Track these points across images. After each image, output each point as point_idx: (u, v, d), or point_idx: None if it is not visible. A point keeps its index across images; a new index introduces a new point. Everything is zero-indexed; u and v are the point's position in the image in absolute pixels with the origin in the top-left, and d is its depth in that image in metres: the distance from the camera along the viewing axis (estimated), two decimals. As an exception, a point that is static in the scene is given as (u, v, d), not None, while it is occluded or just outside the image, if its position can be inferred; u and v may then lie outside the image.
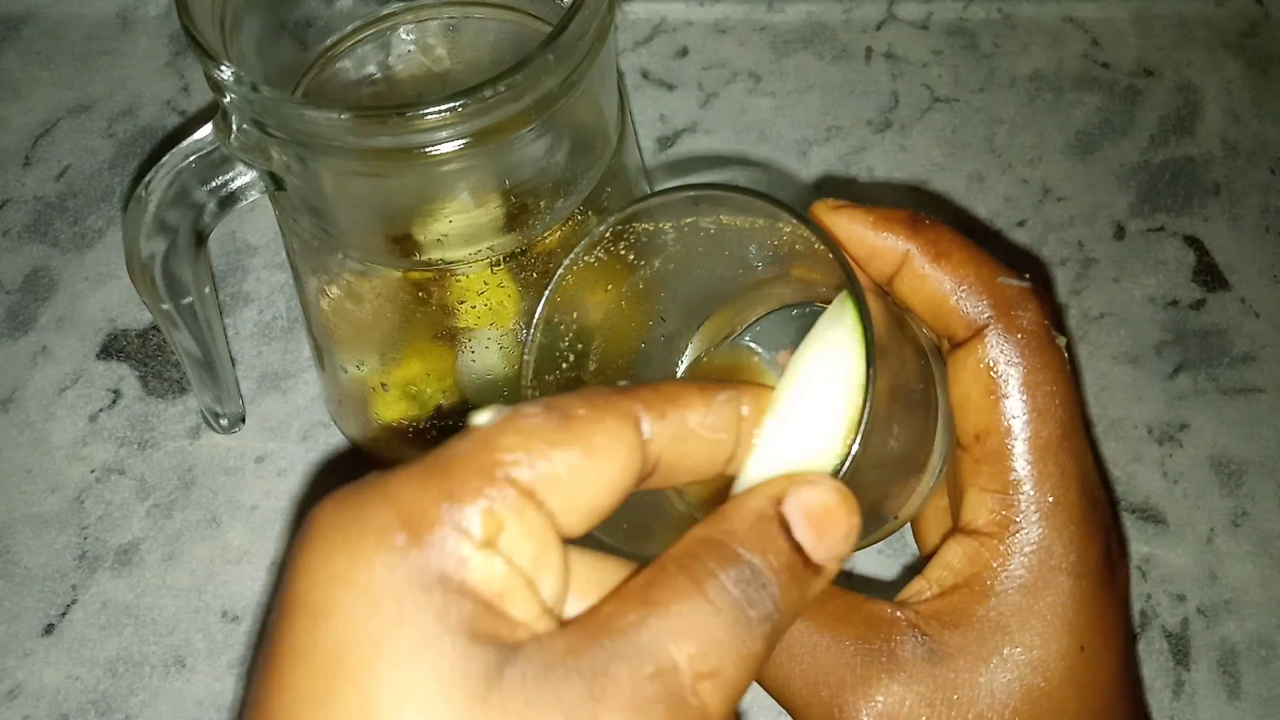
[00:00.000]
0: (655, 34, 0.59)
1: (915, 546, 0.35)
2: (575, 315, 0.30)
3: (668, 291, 0.32)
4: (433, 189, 0.35)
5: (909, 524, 0.34)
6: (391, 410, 0.41)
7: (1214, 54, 0.58)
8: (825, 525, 0.23)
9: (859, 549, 0.33)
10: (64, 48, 0.59)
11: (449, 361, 0.40)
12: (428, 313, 0.38)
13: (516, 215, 0.36)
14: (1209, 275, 0.52)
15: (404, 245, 0.36)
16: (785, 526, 0.23)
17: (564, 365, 0.30)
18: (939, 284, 0.28)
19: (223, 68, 0.31)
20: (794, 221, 0.27)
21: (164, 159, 0.34)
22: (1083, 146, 0.55)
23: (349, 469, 0.47)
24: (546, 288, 0.29)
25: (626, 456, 0.23)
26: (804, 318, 0.34)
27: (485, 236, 0.36)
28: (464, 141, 0.31)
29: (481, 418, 0.22)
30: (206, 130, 0.34)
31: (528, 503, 0.21)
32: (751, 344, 0.34)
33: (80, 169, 0.56)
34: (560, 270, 0.29)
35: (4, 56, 0.59)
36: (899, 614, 0.28)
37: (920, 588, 0.28)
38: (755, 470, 0.25)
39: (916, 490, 0.31)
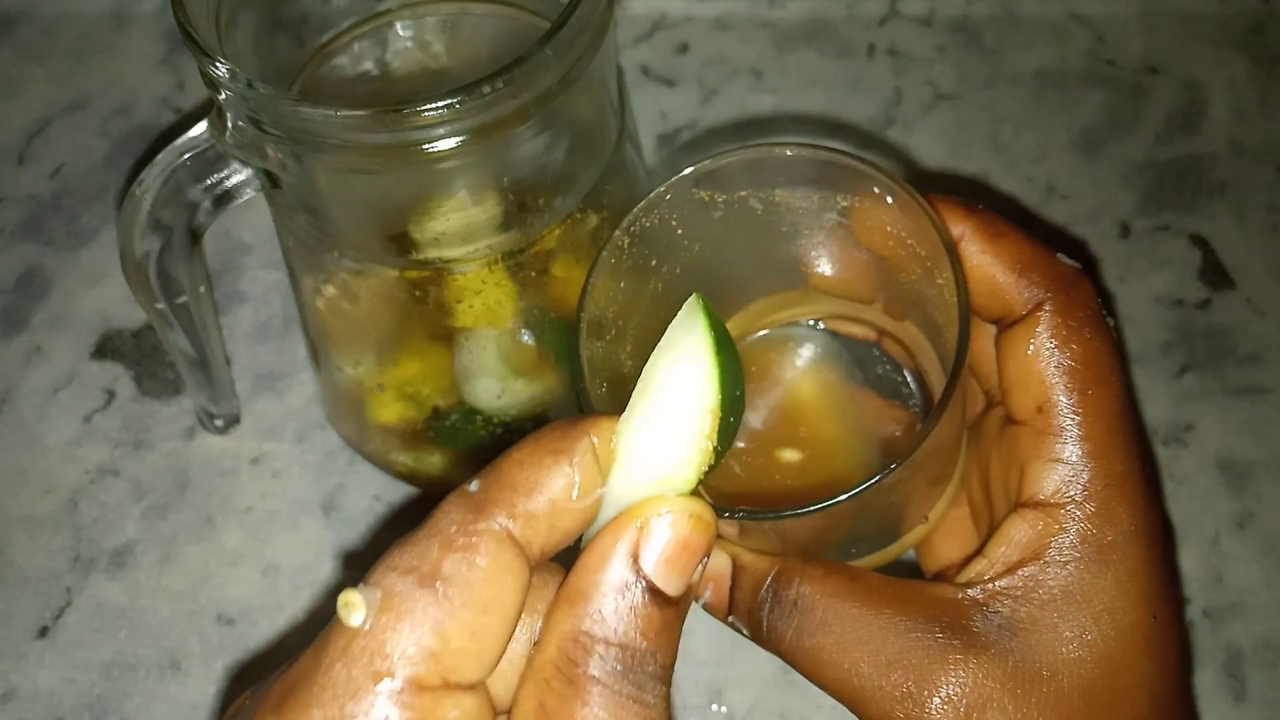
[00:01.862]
0: (655, 30, 0.59)
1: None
2: (622, 285, 0.30)
3: (699, 281, 0.32)
4: (430, 186, 0.35)
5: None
6: (388, 411, 0.41)
7: (1220, 51, 0.58)
8: (683, 560, 0.23)
9: (898, 555, 0.33)
10: (58, 45, 0.59)
11: (446, 361, 0.39)
12: (424, 312, 0.38)
13: (515, 213, 0.36)
14: (1215, 275, 0.51)
15: (401, 243, 0.36)
16: (649, 584, 0.23)
17: (608, 336, 0.30)
18: (995, 264, 0.29)
19: (218, 64, 0.30)
20: (886, 180, 0.28)
21: (158, 157, 0.34)
22: (1088, 144, 0.55)
23: (345, 471, 0.47)
24: (600, 250, 0.30)
25: (514, 586, 0.22)
26: (811, 333, 0.35)
27: (483, 235, 0.36)
28: (462, 138, 0.31)
29: (353, 617, 0.21)
30: (201, 128, 0.33)
31: (433, 696, 0.21)
32: (793, 329, 0.35)
33: (74, 167, 0.55)
34: (616, 232, 0.30)
35: (-2, 53, 0.59)
36: (965, 594, 0.28)
37: (982, 568, 0.28)
38: (614, 494, 0.24)
39: (945, 493, 0.32)
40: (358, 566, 0.45)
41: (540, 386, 0.40)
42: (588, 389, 0.29)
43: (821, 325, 0.35)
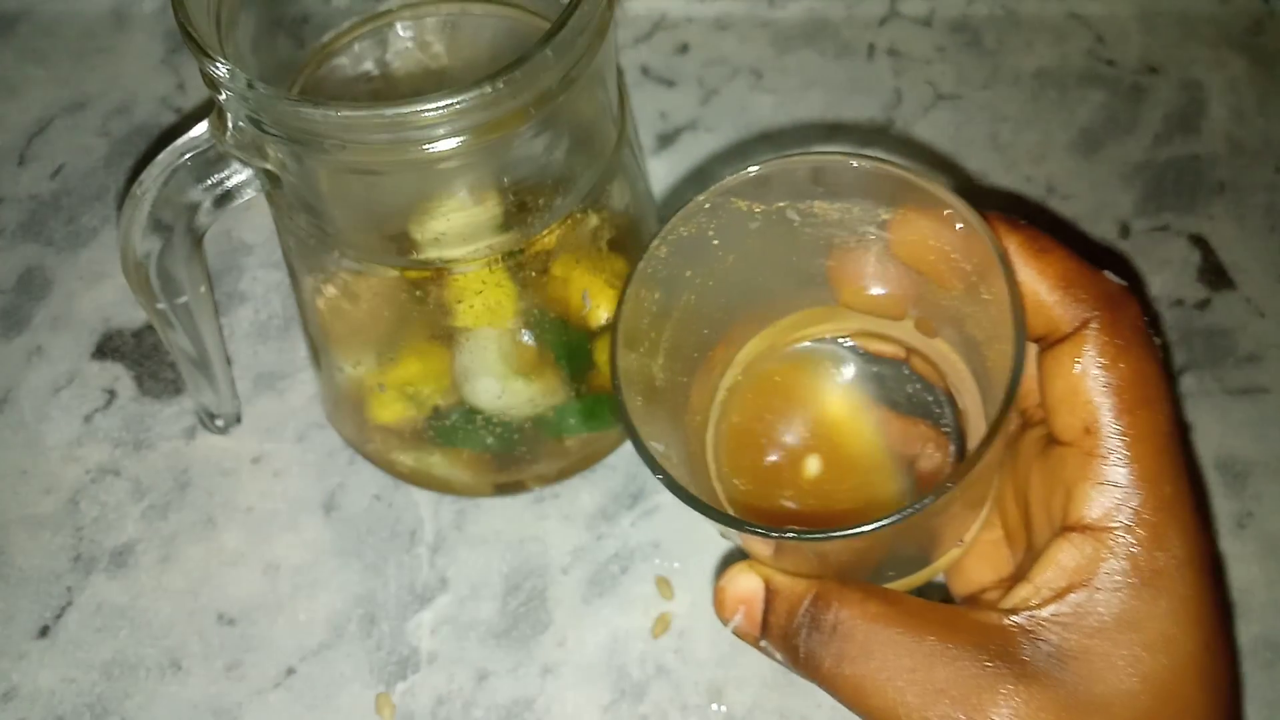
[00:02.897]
0: (655, 30, 0.59)
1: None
2: (657, 296, 0.30)
3: (730, 293, 0.32)
4: (430, 187, 0.35)
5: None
6: (388, 411, 0.41)
7: (1219, 51, 0.58)
8: None
9: (930, 579, 0.32)
10: (59, 45, 0.59)
11: (446, 361, 0.40)
12: (425, 312, 0.38)
13: (515, 213, 0.36)
14: (1214, 274, 0.51)
15: (401, 244, 0.36)
16: None
17: (642, 348, 0.30)
18: (1039, 281, 0.28)
19: (218, 64, 0.31)
20: (939, 192, 0.28)
21: (159, 157, 0.34)
22: (1087, 144, 0.55)
23: (346, 471, 0.47)
24: (637, 260, 0.29)
25: None
26: (839, 350, 0.35)
27: (483, 235, 0.36)
28: (462, 138, 0.31)
29: None
30: (202, 128, 0.33)
31: None
32: (821, 346, 0.34)
33: (75, 167, 0.55)
34: (654, 241, 0.29)
35: (-1, 53, 0.59)
36: (1010, 621, 0.27)
37: (1027, 594, 0.27)
38: None
39: (979, 516, 0.31)
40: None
41: (540, 386, 0.41)
42: (625, 403, 0.28)
43: (849, 342, 0.35)
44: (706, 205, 0.30)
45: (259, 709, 0.42)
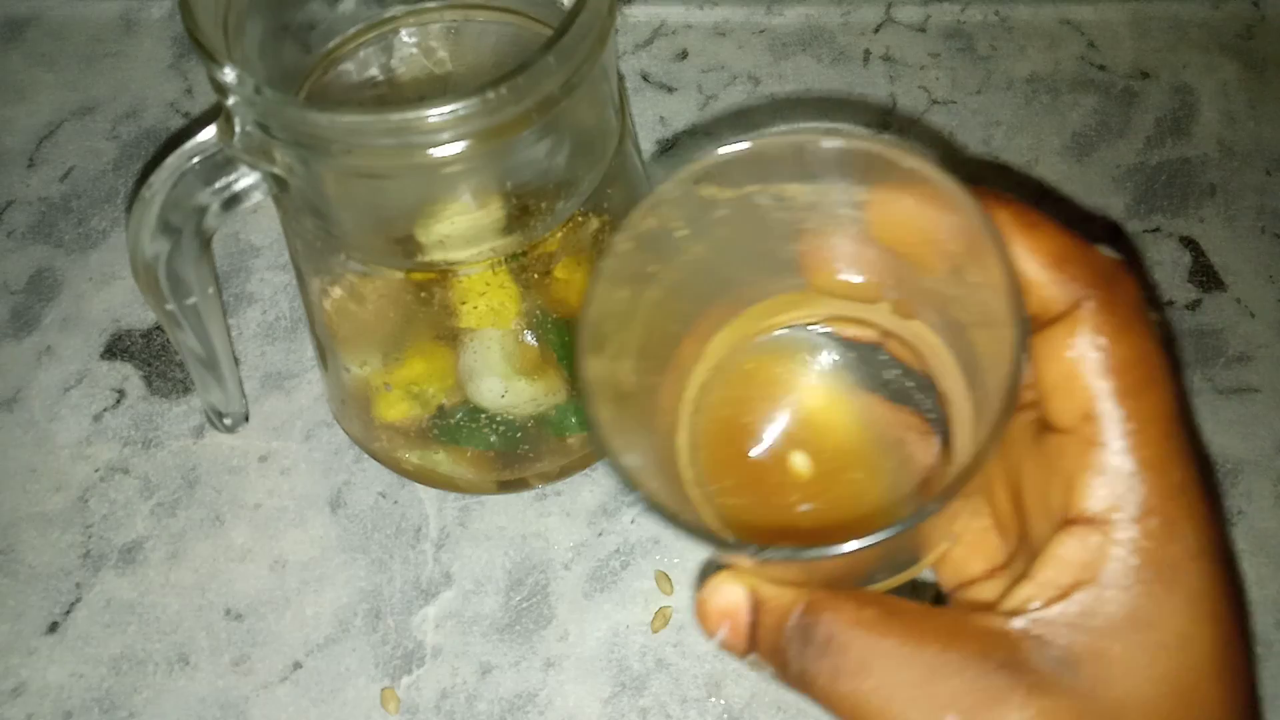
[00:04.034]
0: (655, 37, 0.60)
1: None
2: (623, 294, 0.28)
3: (698, 286, 0.31)
4: (435, 190, 0.35)
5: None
6: (394, 410, 0.42)
7: (1210, 56, 0.58)
8: None
9: (919, 574, 0.31)
10: (68, 50, 0.60)
11: (451, 361, 0.40)
12: (430, 313, 0.38)
13: (518, 217, 0.36)
14: (1205, 276, 0.52)
15: (406, 246, 0.36)
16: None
17: (609, 352, 0.28)
18: (1029, 258, 0.26)
19: (226, 70, 0.31)
20: (924, 167, 0.25)
21: (167, 160, 0.34)
22: (1079, 148, 0.56)
23: (352, 469, 0.47)
24: (600, 258, 0.27)
25: None
26: (813, 337, 0.33)
27: (487, 238, 0.36)
28: (465, 144, 0.31)
29: None
30: (210, 132, 0.34)
31: None
32: (794, 333, 0.32)
33: (84, 170, 0.56)
34: (617, 237, 0.27)
35: (8, 58, 0.60)
36: (1014, 624, 0.25)
37: (1029, 593, 0.25)
38: None
39: (970, 508, 0.30)
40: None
41: (543, 386, 0.41)
42: (598, 415, 0.26)
43: (821, 328, 0.33)
44: (669, 195, 0.28)
45: (266, 703, 0.43)
